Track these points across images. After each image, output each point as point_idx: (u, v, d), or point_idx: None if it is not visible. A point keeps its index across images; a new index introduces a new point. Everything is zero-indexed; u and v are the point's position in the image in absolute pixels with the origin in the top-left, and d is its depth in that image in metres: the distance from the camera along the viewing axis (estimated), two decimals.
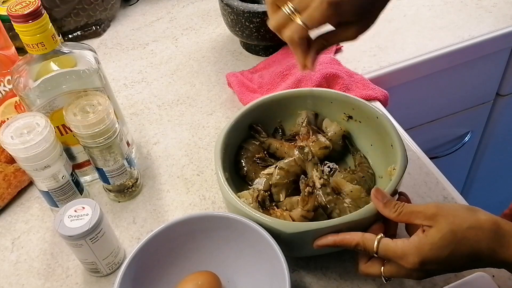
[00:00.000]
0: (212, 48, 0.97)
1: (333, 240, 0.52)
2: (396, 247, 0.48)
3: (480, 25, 0.93)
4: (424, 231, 0.47)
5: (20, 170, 0.72)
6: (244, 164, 0.66)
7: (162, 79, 0.92)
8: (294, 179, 0.62)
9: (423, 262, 0.46)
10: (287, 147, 0.67)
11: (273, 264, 0.53)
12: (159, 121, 0.84)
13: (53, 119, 0.64)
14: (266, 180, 0.62)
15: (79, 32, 1.01)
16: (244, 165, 0.66)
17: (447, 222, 0.46)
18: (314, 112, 0.69)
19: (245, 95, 0.82)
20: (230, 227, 0.57)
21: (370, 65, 0.88)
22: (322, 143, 0.66)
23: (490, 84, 1.04)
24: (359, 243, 0.51)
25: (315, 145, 0.65)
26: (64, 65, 0.63)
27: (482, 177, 1.27)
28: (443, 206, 0.48)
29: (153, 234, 0.55)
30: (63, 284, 0.63)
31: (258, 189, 0.61)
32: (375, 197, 0.52)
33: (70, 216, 0.57)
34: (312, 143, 0.66)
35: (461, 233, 0.45)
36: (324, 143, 0.66)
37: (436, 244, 0.46)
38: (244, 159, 0.66)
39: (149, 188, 0.73)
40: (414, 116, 1.01)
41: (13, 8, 0.57)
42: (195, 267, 0.58)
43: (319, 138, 0.66)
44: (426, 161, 0.72)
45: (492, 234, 0.45)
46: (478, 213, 0.47)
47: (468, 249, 0.45)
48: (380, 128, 0.63)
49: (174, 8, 1.10)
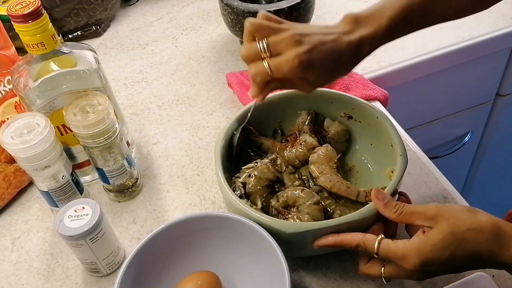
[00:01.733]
0: (212, 48, 0.97)
1: (334, 241, 0.52)
2: (397, 248, 0.48)
3: (480, 25, 0.93)
4: (425, 232, 0.47)
5: (20, 170, 0.72)
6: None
7: (162, 79, 0.92)
8: (268, 184, 0.62)
9: (424, 264, 0.46)
10: (278, 147, 0.67)
11: (273, 264, 0.53)
12: (159, 121, 0.84)
13: (53, 119, 0.64)
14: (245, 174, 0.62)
15: (79, 32, 1.01)
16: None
17: (447, 223, 0.46)
18: (314, 112, 0.69)
19: (245, 95, 0.82)
20: (230, 227, 0.57)
21: (370, 65, 0.88)
22: (310, 144, 0.65)
23: (490, 84, 1.04)
24: (360, 244, 0.51)
25: (304, 147, 0.65)
26: (64, 65, 0.63)
27: (482, 177, 1.27)
28: (443, 207, 0.48)
29: (153, 234, 0.55)
30: (63, 284, 0.63)
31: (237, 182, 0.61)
32: (376, 197, 0.52)
33: (70, 216, 0.57)
34: (300, 145, 0.66)
35: (461, 235, 0.45)
36: (311, 144, 0.65)
37: (436, 245, 0.46)
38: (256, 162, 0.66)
39: (149, 188, 0.73)
40: (414, 116, 1.01)
41: (13, 8, 0.57)
42: (195, 267, 0.58)
43: (306, 139, 0.66)
44: (426, 161, 0.72)
45: (492, 236, 0.45)
46: (478, 214, 0.47)
47: (468, 250, 0.45)
48: (380, 128, 0.63)
49: (174, 8, 1.10)
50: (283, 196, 0.60)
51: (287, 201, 0.60)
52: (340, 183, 0.61)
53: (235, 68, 0.91)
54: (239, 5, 0.83)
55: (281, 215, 0.60)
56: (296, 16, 0.84)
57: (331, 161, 0.63)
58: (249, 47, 0.52)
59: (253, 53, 0.52)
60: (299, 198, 0.59)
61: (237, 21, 0.85)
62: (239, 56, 0.56)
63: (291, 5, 0.82)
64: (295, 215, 0.59)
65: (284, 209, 0.60)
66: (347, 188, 0.60)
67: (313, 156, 0.64)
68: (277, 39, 0.50)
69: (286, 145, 0.67)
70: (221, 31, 1.01)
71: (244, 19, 0.83)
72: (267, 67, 0.51)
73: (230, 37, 0.98)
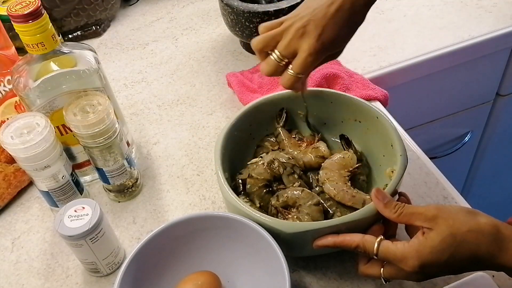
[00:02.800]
0: (212, 48, 0.97)
1: (333, 241, 0.52)
2: (396, 249, 0.48)
3: (480, 25, 0.93)
4: (424, 234, 0.47)
5: (20, 170, 0.72)
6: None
7: (162, 79, 0.92)
8: (265, 183, 0.62)
9: (423, 265, 0.46)
10: (292, 143, 0.67)
11: (273, 264, 0.53)
12: (159, 121, 0.84)
13: (53, 119, 0.64)
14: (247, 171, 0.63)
15: (79, 32, 1.01)
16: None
17: (447, 225, 0.46)
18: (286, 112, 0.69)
19: (245, 95, 0.82)
20: (230, 227, 0.57)
21: (370, 65, 0.88)
22: (320, 152, 0.65)
23: (490, 84, 1.04)
24: (359, 245, 0.51)
25: (313, 152, 0.65)
26: (64, 65, 0.63)
27: (482, 177, 1.27)
28: (443, 208, 0.48)
29: (153, 234, 0.55)
30: (63, 284, 0.63)
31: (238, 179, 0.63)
32: (376, 197, 0.52)
33: (70, 216, 0.57)
34: (312, 149, 0.65)
35: (461, 236, 0.45)
36: (322, 152, 0.65)
37: (436, 247, 0.46)
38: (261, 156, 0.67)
39: (149, 188, 0.73)
40: (414, 116, 1.01)
41: (13, 8, 0.57)
42: (195, 267, 0.58)
43: (320, 147, 0.65)
44: (426, 161, 0.72)
45: (492, 238, 0.45)
46: (478, 216, 0.47)
47: (467, 252, 0.45)
48: (380, 128, 0.63)
49: (174, 8, 1.10)
50: (283, 196, 0.60)
51: (287, 201, 0.60)
52: (345, 191, 0.59)
53: (235, 68, 0.91)
54: (239, 5, 0.83)
55: (281, 215, 0.60)
56: None
57: (344, 169, 0.62)
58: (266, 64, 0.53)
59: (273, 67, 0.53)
60: (299, 198, 0.59)
61: (237, 21, 0.85)
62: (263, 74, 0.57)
63: (291, 5, 0.82)
64: (295, 215, 0.59)
65: (284, 209, 0.60)
66: (352, 197, 0.59)
67: (327, 161, 0.63)
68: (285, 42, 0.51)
69: (301, 143, 0.67)
70: (221, 31, 1.01)
71: (244, 19, 0.83)
72: (293, 73, 0.52)
73: (230, 37, 0.98)
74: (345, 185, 0.60)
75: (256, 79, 0.85)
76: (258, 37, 0.53)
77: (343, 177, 0.61)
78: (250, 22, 0.84)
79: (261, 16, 0.82)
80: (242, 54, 0.94)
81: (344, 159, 0.63)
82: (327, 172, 0.62)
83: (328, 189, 0.60)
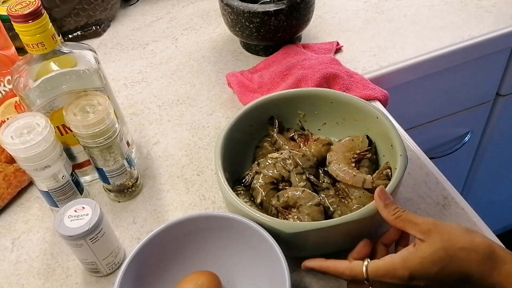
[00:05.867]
0: (212, 48, 0.97)
1: (320, 266, 0.52)
2: (384, 263, 0.47)
3: (480, 25, 0.93)
4: (415, 245, 0.47)
5: (20, 170, 0.72)
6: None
7: (162, 79, 0.92)
8: (272, 181, 0.63)
9: (412, 277, 0.45)
10: (292, 145, 0.68)
11: (273, 264, 0.53)
12: (159, 121, 0.84)
13: (53, 119, 0.64)
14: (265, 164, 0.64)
15: (79, 32, 1.01)
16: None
17: (440, 239, 0.46)
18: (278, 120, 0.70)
19: (245, 95, 0.82)
20: (230, 227, 0.57)
21: (370, 65, 0.88)
22: (324, 140, 0.67)
23: (490, 84, 1.04)
24: (344, 272, 0.50)
25: (318, 143, 0.67)
26: (64, 65, 0.63)
27: (482, 177, 1.27)
28: (440, 224, 0.47)
29: (153, 234, 0.55)
30: (63, 284, 0.63)
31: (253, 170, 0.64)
32: (379, 196, 0.52)
33: (70, 216, 0.57)
34: (314, 142, 0.67)
35: (453, 252, 0.45)
36: (325, 140, 0.67)
37: (426, 258, 0.45)
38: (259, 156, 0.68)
39: (149, 188, 0.73)
40: (414, 116, 1.01)
41: (13, 8, 0.57)
42: (195, 267, 0.58)
43: (320, 137, 0.68)
44: (426, 161, 0.72)
45: (485, 257, 0.44)
46: (474, 235, 0.46)
47: (458, 268, 0.45)
48: (380, 128, 0.63)
49: (174, 8, 1.10)
50: (283, 196, 0.60)
51: (287, 202, 0.60)
52: (346, 171, 0.61)
53: (235, 68, 0.91)
54: (239, 5, 0.83)
55: (281, 215, 0.60)
56: (296, 16, 0.84)
57: (349, 151, 0.64)
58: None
59: None
60: (299, 198, 0.59)
61: (237, 21, 0.85)
62: None
63: (291, 5, 0.82)
64: (295, 216, 0.59)
65: (285, 209, 0.60)
66: (353, 176, 0.61)
67: (336, 144, 0.66)
68: None
69: (299, 144, 0.68)
70: (221, 31, 1.01)
71: (244, 19, 0.83)
72: None
73: (230, 37, 0.98)
74: (348, 166, 0.63)
75: (256, 79, 0.85)
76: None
77: (348, 159, 0.64)
78: (250, 22, 0.84)
79: (261, 16, 0.82)
80: (242, 54, 0.94)
81: (352, 141, 0.65)
82: (333, 154, 0.64)
83: (331, 170, 0.63)
